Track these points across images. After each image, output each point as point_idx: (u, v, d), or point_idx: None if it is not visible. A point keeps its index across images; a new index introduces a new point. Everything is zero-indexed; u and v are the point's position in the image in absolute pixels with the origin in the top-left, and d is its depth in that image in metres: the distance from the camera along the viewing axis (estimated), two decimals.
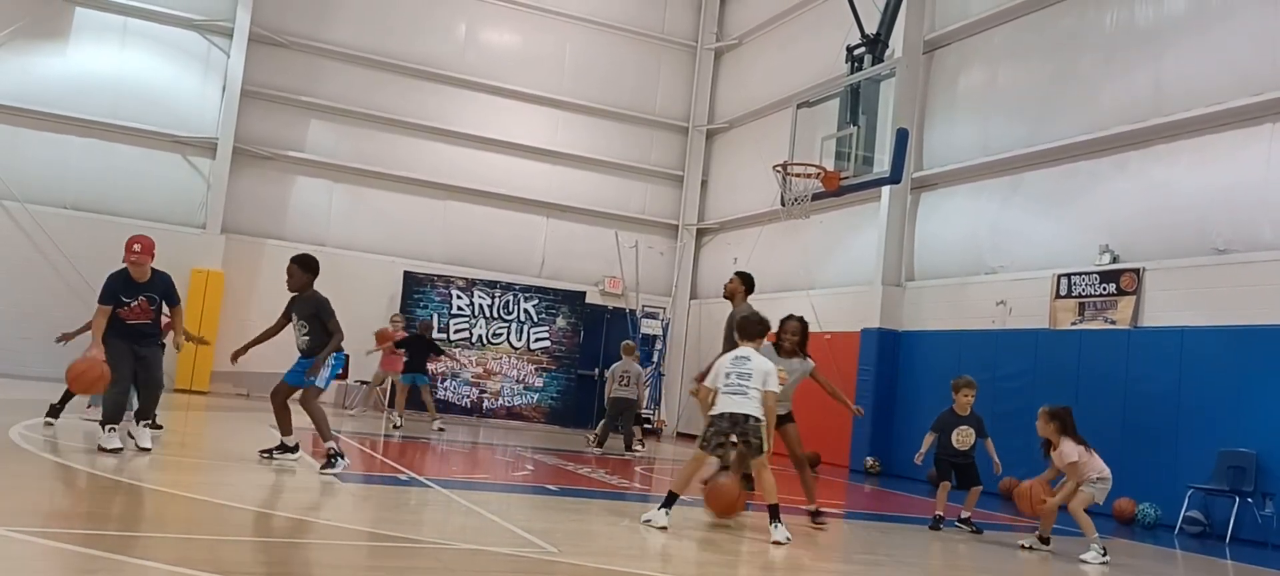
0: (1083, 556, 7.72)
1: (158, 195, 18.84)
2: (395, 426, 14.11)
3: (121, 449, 7.84)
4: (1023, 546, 8.01)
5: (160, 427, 9.37)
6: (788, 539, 6.76)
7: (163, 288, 8.42)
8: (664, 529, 6.77)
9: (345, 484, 8.05)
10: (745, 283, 9.57)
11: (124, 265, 8.28)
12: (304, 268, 8.33)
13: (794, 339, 8.09)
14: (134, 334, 8.20)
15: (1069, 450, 7.91)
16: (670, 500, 6.93)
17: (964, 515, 8.94)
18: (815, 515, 7.96)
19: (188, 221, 18.99)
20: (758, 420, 6.85)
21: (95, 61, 18.68)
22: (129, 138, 18.78)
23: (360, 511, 6.87)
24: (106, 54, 18.80)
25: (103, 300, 8.12)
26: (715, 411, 6.94)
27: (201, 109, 19.32)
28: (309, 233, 20.03)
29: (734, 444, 6.92)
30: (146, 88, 18.95)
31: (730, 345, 8.98)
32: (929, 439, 9.16)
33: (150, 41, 19.08)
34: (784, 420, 7.99)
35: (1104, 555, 7.66)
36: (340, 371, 8.70)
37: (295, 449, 8.40)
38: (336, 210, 20.34)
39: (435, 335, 17.83)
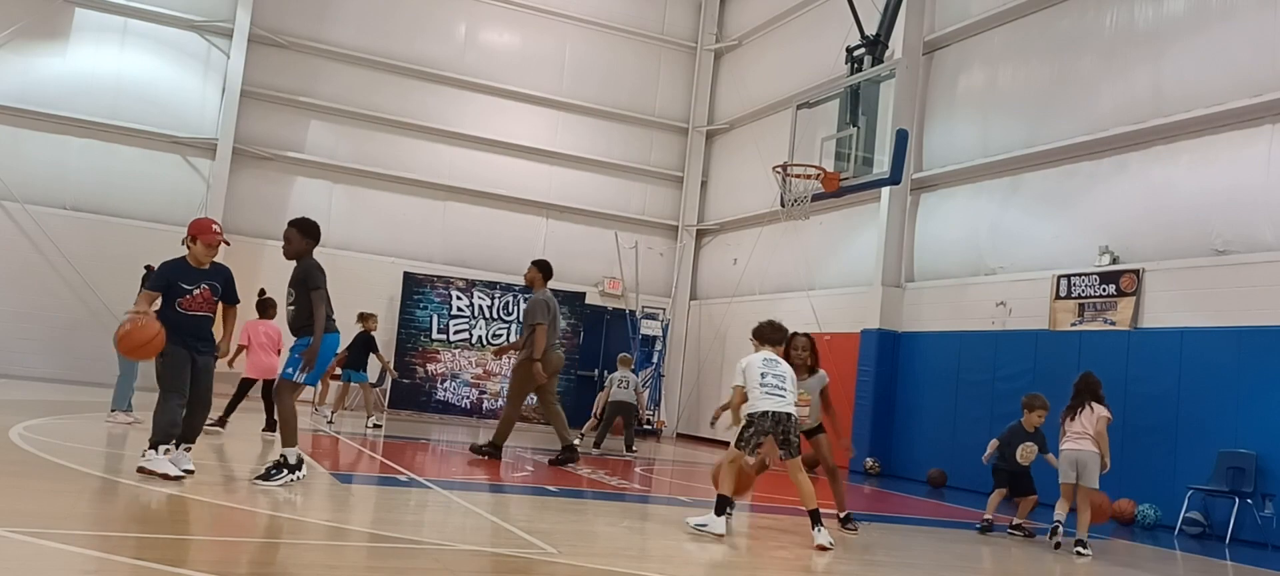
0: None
1: (157, 196, 18.85)
2: (377, 426, 14.13)
3: (179, 476, 6.78)
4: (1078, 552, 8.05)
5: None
6: (831, 543, 6.78)
7: (224, 279, 7.53)
8: (721, 536, 6.78)
9: (345, 485, 8.05)
10: (542, 271, 10.69)
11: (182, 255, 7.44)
12: (302, 231, 7.63)
13: (803, 356, 7.97)
14: (193, 331, 7.12)
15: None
16: (722, 505, 6.95)
17: (1016, 521, 9.06)
18: (845, 520, 8.04)
19: (187, 222, 18.94)
20: (797, 420, 7.00)
21: (95, 62, 18.68)
22: (129, 138, 18.79)
23: (360, 512, 6.87)
24: (106, 54, 18.80)
25: (152, 286, 7.18)
26: (756, 410, 6.94)
27: (201, 110, 19.32)
28: None
29: (761, 443, 7.04)
30: (146, 88, 18.95)
31: (528, 332, 10.33)
32: (993, 445, 9.27)
33: (150, 42, 19.08)
34: (815, 431, 8.09)
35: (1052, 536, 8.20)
36: (330, 368, 8.13)
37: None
38: (336, 211, 20.33)
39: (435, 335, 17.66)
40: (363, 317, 14.25)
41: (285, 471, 7.11)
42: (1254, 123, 11.33)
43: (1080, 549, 7.97)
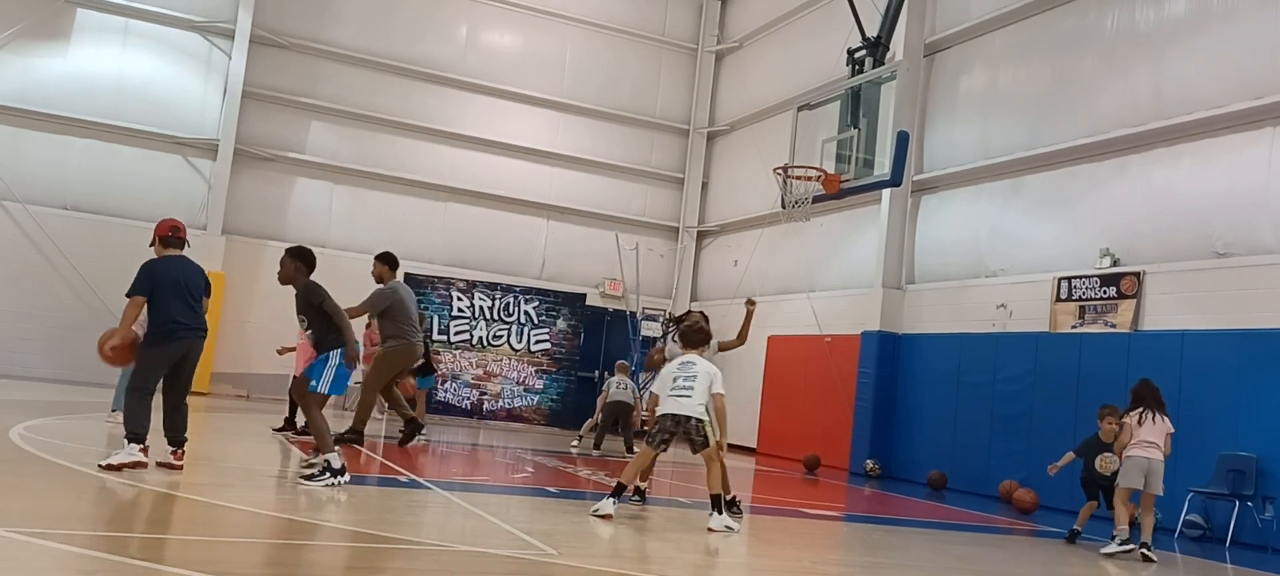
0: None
1: (158, 196, 18.83)
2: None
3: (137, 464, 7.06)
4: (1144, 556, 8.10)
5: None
6: (728, 529, 7.10)
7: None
8: (608, 517, 7.11)
9: (345, 486, 8.05)
10: (388, 262, 10.94)
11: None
12: (293, 256, 7.88)
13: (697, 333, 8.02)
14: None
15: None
16: (618, 491, 7.41)
17: (1142, 541, 9.02)
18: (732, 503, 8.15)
19: (188, 222, 18.43)
20: (699, 420, 7.31)
21: (96, 62, 18.70)
22: (130, 139, 18.80)
23: (360, 513, 6.87)
24: (107, 55, 18.81)
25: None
26: (661, 411, 7.44)
27: (202, 110, 19.33)
28: (310, 234, 20.00)
29: (668, 441, 7.45)
30: (147, 89, 18.96)
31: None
32: (1068, 457, 9.33)
33: (151, 43, 19.09)
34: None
35: (1123, 544, 8.15)
36: (349, 378, 8.00)
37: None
38: (337, 211, 20.35)
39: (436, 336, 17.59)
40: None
41: (329, 474, 7.37)
42: (1255, 125, 11.32)
43: (1147, 553, 8.09)
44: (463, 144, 21.33)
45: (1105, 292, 12.73)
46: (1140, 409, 8.56)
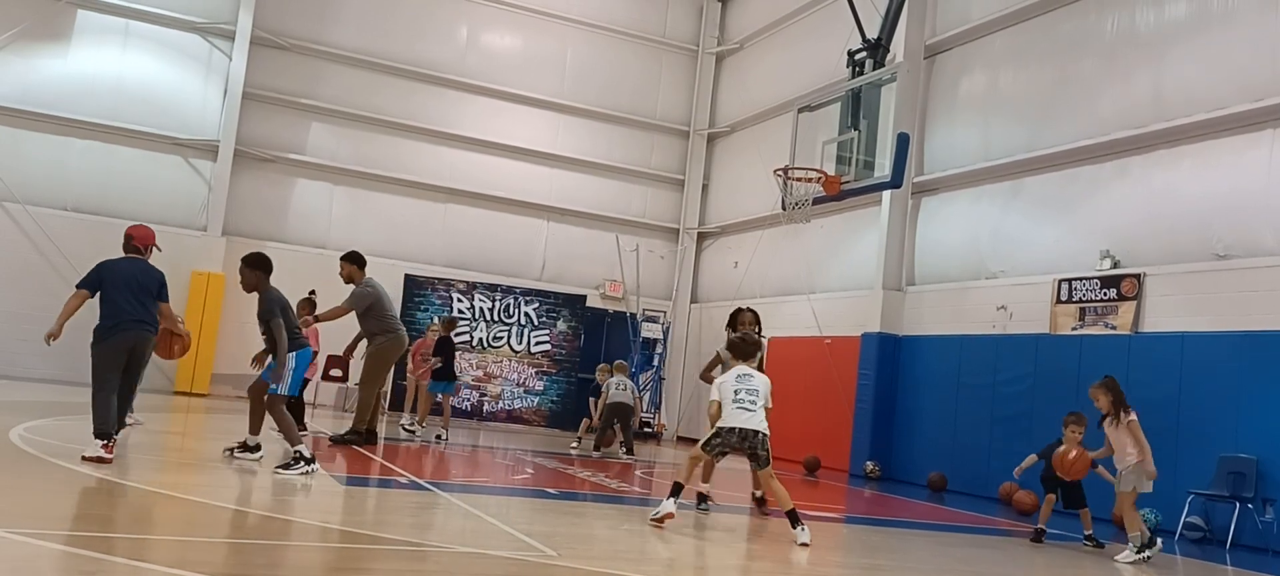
0: (1118, 557, 7.95)
1: (159, 197, 18.86)
2: (440, 438, 13.31)
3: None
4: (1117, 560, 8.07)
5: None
6: (810, 541, 6.96)
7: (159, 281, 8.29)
8: (670, 516, 7.04)
9: (345, 487, 8.05)
10: (357, 262, 10.99)
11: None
12: (250, 265, 8.29)
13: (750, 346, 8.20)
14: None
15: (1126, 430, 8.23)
16: (676, 490, 7.22)
17: (1087, 533, 9.01)
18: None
19: (189, 224, 19.00)
20: (766, 435, 7.20)
21: (97, 64, 18.70)
22: (130, 140, 18.81)
23: (360, 514, 6.87)
24: (108, 56, 18.82)
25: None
26: (725, 425, 7.21)
27: (203, 111, 19.34)
28: (310, 235, 20.05)
29: (726, 453, 7.43)
30: (148, 90, 18.97)
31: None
32: (1031, 460, 9.36)
33: (152, 44, 19.10)
34: None
35: (1141, 553, 8.03)
36: (306, 376, 8.63)
37: (257, 448, 8.46)
38: (337, 213, 20.35)
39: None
40: (446, 323, 13.97)
41: (302, 463, 7.84)
42: (1255, 127, 11.32)
43: (1096, 541, 8.41)
44: (463, 145, 21.33)
45: (1105, 294, 12.72)
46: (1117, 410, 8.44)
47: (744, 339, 7.85)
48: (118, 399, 7.63)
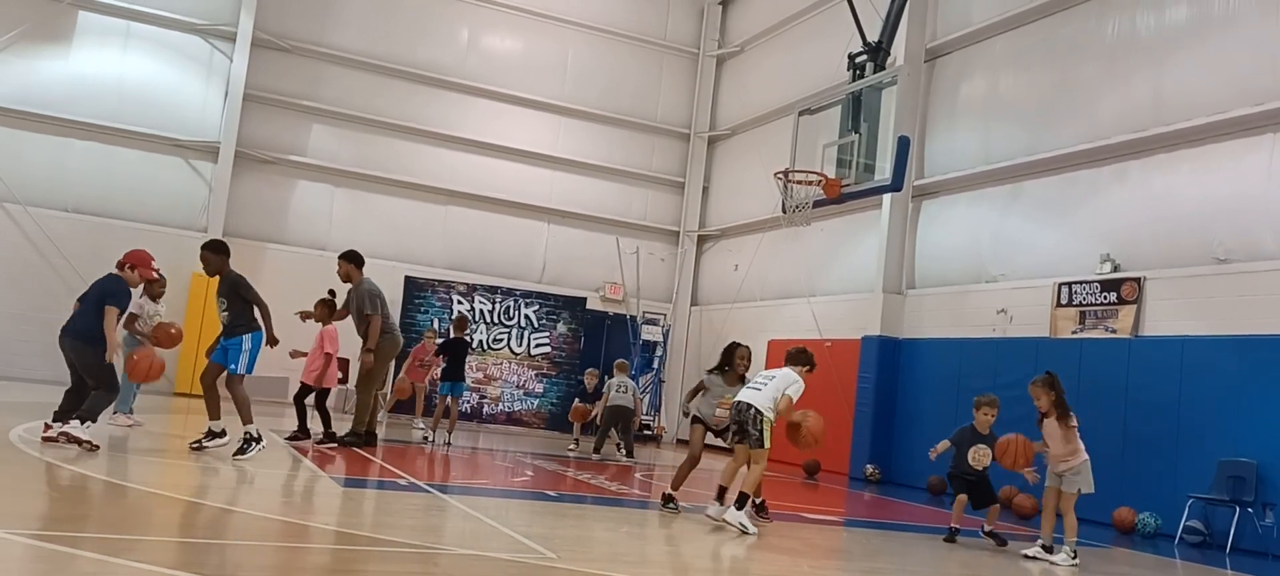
0: (1053, 558, 7.74)
1: (159, 199, 18.87)
2: (446, 442, 13.22)
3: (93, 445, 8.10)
4: (1026, 555, 7.95)
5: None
6: (743, 528, 7.29)
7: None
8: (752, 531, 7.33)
9: (345, 488, 8.05)
10: (355, 261, 11.12)
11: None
12: (214, 250, 8.95)
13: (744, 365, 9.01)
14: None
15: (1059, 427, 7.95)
16: (741, 500, 7.52)
17: (987, 528, 8.74)
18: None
19: (189, 225, 19.00)
20: (759, 412, 7.54)
21: (98, 65, 18.72)
22: (131, 141, 18.82)
23: (359, 516, 6.87)
24: (109, 57, 18.83)
25: (121, 306, 8.65)
26: (734, 400, 7.85)
27: (204, 113, 19.35)
28: (310, 237, 20.05)
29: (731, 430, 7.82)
30: (149, 91, 18.98)
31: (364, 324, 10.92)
32: (944, 445, 8.92)
33: (153, 45, 19.12)
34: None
35: (1074, 558, 7.71)
36: (256, 355, 8.96)
37: (222, 434, 8.75)
38: (338, 214, 20.36)
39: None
40: (457, 322, 13.90)
41: (254, 444, 8.57)
42: (1255, 131, 11.33)
43: (1048, 549, 7.90)
44: (464, 147, 21.34)
45: (1105, 298, 12.72)
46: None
47: (804, 351, 8.45)
48: (70, 393, 8.41)
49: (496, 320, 20.30)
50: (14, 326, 17.56)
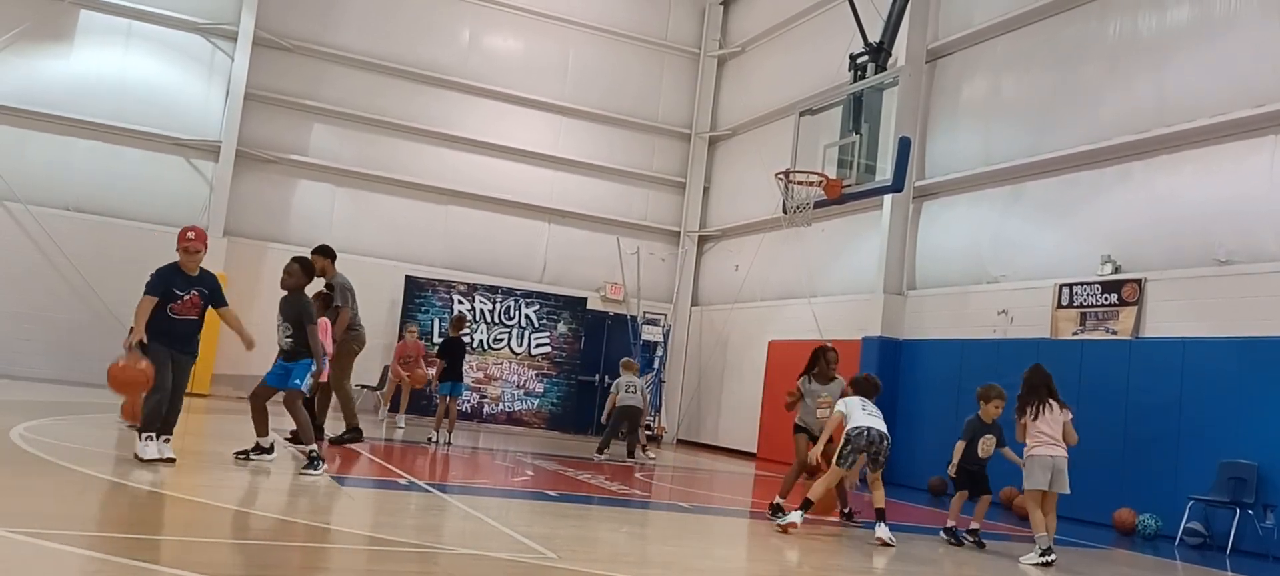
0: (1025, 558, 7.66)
1: (160, 198, 18.87)
2: (446, 442, 13.20)
3: (164, 460, 7.54)
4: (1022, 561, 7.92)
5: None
6: (892, 540, 7.67)
7: (212, 285, 8.04)
8: (795, 526, 7.68)
9: (345, 488, 8.05)
10: (330, 255, 11.16)
11: (175, 258, 7.88)
12: (305, 269, 8.60)
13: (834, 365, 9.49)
14: (178, 334, 7.75)
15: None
16: (805, 506, 7.87)
17: (972, 526, 8.73)
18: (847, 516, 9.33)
19: (190, 225, 18.97)
20: (891, 442, 8.15)
21: (99, 64, 18.72)
22: (132, 140, 18.82)
23: (360, 516, 6.87)
24: (110, 56, 18.84)
25: (151, 290, 7.64)
26: (856, 426, 8.08)
27: (205, 112, 19.35)
28: (311, 236, 19.94)
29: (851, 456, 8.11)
30: (150, 90, 18.99)
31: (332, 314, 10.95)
32: (960, 447, 8.85)
33: (154, 44, 19.12)
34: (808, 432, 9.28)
35: (1044, 556, 7.51)
36: (314, 371, 8.69)
37: (271, 449, 8.53)
38: (339, 214, 20.36)
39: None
40: (454, 322, 13.85)
41: (322, 463, 8.20)
42: (1257, 133, 11.32)
43: (1047, 558, 7.57)
44: (465, 147, 21.34)
45: (1107, 299, 12.72)
46: (1034, 402, 7.93)
47: (867, 378, 8.85)
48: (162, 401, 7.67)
49: (497, 320, 20.31)
50: (16, 326, 17.57)
